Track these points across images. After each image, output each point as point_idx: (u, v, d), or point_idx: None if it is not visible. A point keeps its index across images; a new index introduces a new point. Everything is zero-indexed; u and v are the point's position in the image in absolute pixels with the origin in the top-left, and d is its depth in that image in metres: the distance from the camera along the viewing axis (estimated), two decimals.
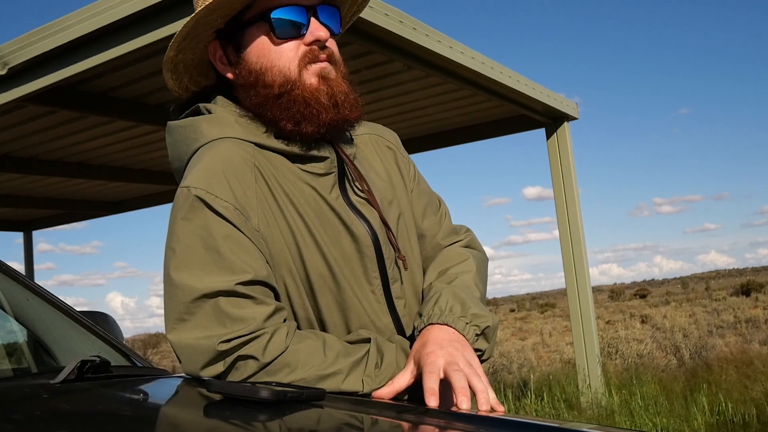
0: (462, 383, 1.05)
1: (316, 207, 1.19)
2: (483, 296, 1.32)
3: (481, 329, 1.19)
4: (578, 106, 6.00)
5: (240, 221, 1.12)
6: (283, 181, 1.19)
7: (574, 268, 5.67)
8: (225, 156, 1.16)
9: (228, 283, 1.07)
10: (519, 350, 12.52)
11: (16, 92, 3.77)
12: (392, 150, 1.39)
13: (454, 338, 1.14)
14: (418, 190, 1.39)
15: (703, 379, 5.63)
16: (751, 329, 13.59)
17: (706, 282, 41.95)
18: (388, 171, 1.36)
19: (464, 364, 1.09)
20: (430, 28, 4.07)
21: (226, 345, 1.06)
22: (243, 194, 1.14)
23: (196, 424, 0.98)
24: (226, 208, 1.11)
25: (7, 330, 1.82)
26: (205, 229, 1.10)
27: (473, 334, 1.18)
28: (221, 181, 1.13)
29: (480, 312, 1.21)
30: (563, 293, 6.97)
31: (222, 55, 1.25)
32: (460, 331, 1.16)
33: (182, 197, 1.13)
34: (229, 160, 1.16)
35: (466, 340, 1.16)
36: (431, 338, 1.14)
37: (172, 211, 1.14)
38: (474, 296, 1.26)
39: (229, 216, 1.11)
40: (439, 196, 1.45)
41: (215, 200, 1.11)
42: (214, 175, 1.13)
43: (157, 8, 3.17)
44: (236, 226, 1.11)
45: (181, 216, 1.12)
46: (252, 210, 1.14)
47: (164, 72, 1.26)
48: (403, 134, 6.65)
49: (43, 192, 7.58)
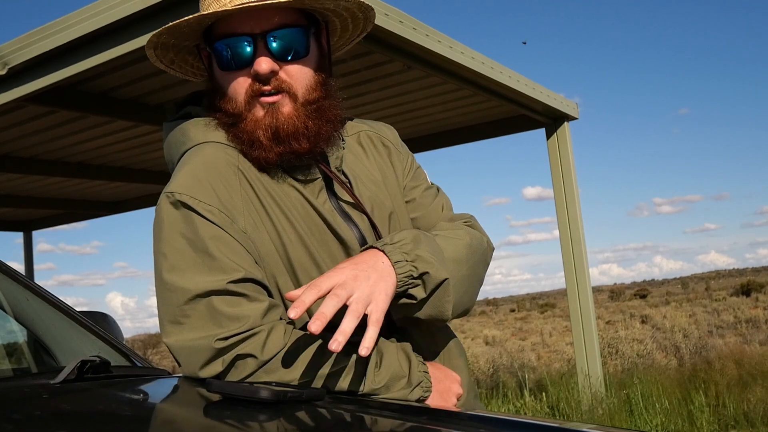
0: (325, 309, 0.96)
1: (303, 211, 1.19)
2: (460, 264, 1.18)
3: (418, 272, 1.08)
4: (578, 106, 6.00)
5: (226, 223, 1.12)
6: (268, 184, 1.19)
7: (574, 268, 5.67)
8: (209, 160, 1.17)
9: (220, 283, 1.07)
10: (519, 350, 12.51)
11: (16, 92, 3.77)
12: (388, 147, 1.38)
13: (378, 267, 1.05)
14: (411, 184, 1.37)
15: (703, 379, 5.63)
16: (751, 329, 13.58)
17: (706, 282, 41.94)
18: (382, 169, 1.35)
19: (358, 295, 0.99)
20: (430, 28, 4.06)
21: (223, 343, 1.06)
22: (228, 197, 1.14)
23: (196, 424, 0.98)
24: (211, 212, 1.11)
25: (7, 330, 1.82)
26: (193, 232, 1.11)
27: (407, 274, 1.07)
28: (205, 186, 1.13)
29: (429, 258, 1.09)
30: (563, 293, 6.97)
31: (206, 65, 1.26)
32: (392, 263, 1.06)
33: (165, 203, 1.13)
34: (213, 163, 1.16)
35: (394, 276, 1.06)
36: (356, 258, 1.07)
37: (157, 217, 1.15)
38: (437, 250, 1.14)
39: (215, 219, 1.11)
40: (438, 187, 1.42)
41: (199, 204, 1.11)
42: (198, 179, 1.14)
43: (157, 8, 3.17)
44: (222, 228, 1.11)
45: (167, 221, 1.12)
46: (238, 213, 1.14)
47: (172, 73, 1.28)
48: (403, 134, 6.62)
49: (43, 192, 7.57)
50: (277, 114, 1.16)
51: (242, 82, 1.17)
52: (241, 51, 1.15)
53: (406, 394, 1.12)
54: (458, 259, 1.18)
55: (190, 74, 1.34)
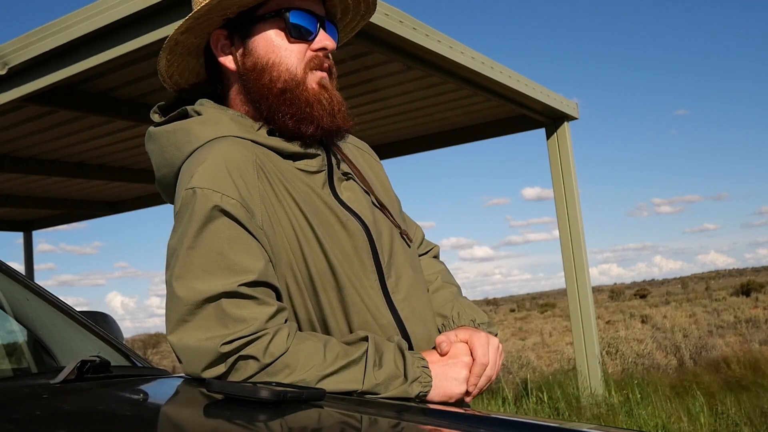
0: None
1: (313, 204, 1.20)
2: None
3: None
4: (578, 106, 6.00)
5: (246, 218, 1.12)
6: (284, 179, 1.20)
7: (574, 268, 5.67)
8: (227, 154, 1.16)
9: (231, 285, 1.07)
10: (519, 350, 12.51)
11: (16, 92, 3.77)
12: (370, 155, 1.46)
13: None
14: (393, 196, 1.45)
15: (703, 379, 5.63)
16: (751, 329, 13.58)
17: (706, 282, 41.95)
18: (375, 172, 1.41)
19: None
20: (430, 28, 4.07)
21: (228, 347, 1.06)
22: (247, 192, 1.14)
23: (196, 424, 0.98)
24: (234, 206, 1.11)
25: (7, 330, 1.82)
26: (210, 230, 1.10)
27: None
28: (226, 179, 1.13)
29: None
30: (563, 293, 6.97)
31: (225, 43, 1.26)
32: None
33: (188, 199, 1.12)
34: (231, 158, 1.16)
35: None
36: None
37: (179, 214, 1.14)
38: None
39: (237, 213, 1.11)
40: None
41: (223, 198, 1.11)
42: (219, 173, 1.13)
43: (157, 8, 3.17)
44: (243, 223, 1.11)
45: (188, 219, 1.12)
46: (256, 207, 1.14)
47: (161, 53, 1.26)
48: (404, 134, 6.70)
49: (43, 192, 7.58)
50: (327, 90, 1.25)
51: (303, 52, 1.25)
52: (310, 25, 1.25)
53: (405, 391, 1.12)
54: None
55: (185, 79, 1.33)
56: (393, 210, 1.35)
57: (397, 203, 1.44)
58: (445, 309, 1.35)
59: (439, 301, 1.37)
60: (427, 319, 1.29)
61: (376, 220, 1.27)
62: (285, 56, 1.23)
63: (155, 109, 1.31)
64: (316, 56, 1.25)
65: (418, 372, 1.15)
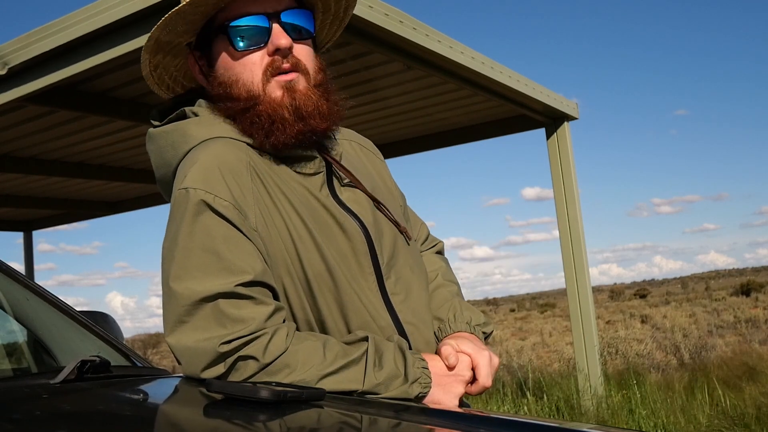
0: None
1: (309, 206, 1.20)
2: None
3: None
4: (578, 106, 6.00)
5: (239, 220, 1.12)
6: (279, 180, 1.19)
7: (574, 268, 5.67)
8: (219, 155, 1.16)
9: (228, 285, 1.07)
10: (519, 350, 12.51)
11: (16, 92, 3.77)
12: (373, 153, 1.44)
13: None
14: (397, 193, 1.43)
15: (703, 378, 5.63)
16: (751, 329, 13.58)
17: (705, 282, 41.94)
18: (378, 170, 1.40)
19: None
20: (430, 28, 4.06)
21: (227, 347, 1.06)
22: (240, 193, 1.14)
23: (196, 424, 0.98)
24: (226, 207, 1.11)
25: (7, 330, 1.82)
26: (205, 230, 1.10)
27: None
28: (219, 181, 1.13)
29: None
30: (563, 293, 6.97)
31: (198, 67, 1.26)
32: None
33: (181, 199, 1.12)
34: (224, 158, 1.15)
35: None
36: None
37: (171, 214, 1.14)
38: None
39: (229, 215, 1.11)
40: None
41: (215, 200, 1.11)
42: (212, 173, 1.13)
43: (156, 8, 3.17)
44: (236, 225, 1.11)
45: (180, 218, 1.12)
46: (249, 209, 1.14)
47: (148, 81, 1.28)
48: (404, 134, 6.69)
49: (43, 192, 7.57)
50: (295, 92, 1.18)
51: (258, 62, 1.19)
52: (257, 29, 1.18)
53: (405, 391, 1.12)
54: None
55: (165, 87, 1.33)
56: (394, 207, 1.34)
57: (401, 200, 1.43)
58: (441, 311, 1.34)
59: (436, 302, 1.36)
60: (426, 320, 1.29)
61: (377, 221, 1.26)
62: (239, 72, 1.20)
63: (154, 113, 1.31)
64: (272, 61, 1.19)
65: (418, 373, 1.15)
